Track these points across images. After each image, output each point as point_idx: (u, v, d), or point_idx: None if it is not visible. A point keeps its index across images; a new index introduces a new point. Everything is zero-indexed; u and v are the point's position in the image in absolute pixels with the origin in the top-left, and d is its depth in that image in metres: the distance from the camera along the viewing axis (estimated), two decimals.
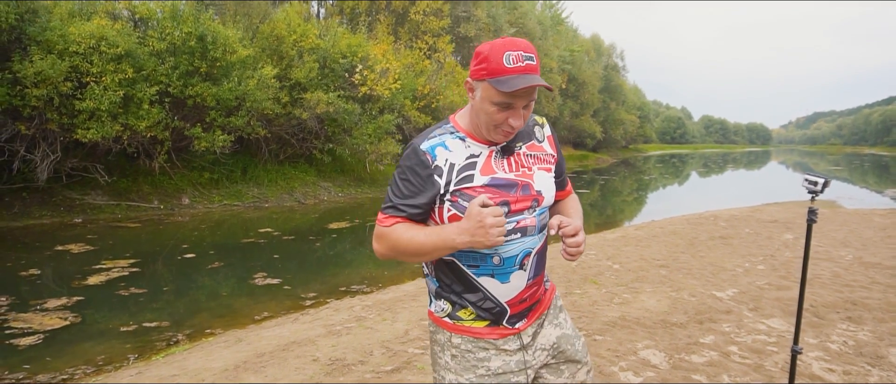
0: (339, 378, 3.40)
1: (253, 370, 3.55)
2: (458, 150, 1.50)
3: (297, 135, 16.55)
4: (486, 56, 1.40)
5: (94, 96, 11.13)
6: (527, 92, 1.40)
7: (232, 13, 15.93)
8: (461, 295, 1.55)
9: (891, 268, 6.57)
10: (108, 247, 9.02)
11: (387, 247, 1.52)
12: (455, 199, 1.48)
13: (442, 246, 1.44)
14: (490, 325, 1.56)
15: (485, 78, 1.41)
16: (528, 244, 1.54)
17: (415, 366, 3.57)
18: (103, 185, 12.62)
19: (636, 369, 3.56)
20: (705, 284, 5.78)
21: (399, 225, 1.50)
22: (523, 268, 1.54)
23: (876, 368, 3.64)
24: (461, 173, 1.48)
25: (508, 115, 1.43)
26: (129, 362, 4.55)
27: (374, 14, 25.42)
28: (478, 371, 1.55)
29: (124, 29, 12.20)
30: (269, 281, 7.14)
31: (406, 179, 1.50)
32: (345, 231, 11.34)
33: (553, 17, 45.50)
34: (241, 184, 15.24)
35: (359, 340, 4.08)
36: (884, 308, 4.97)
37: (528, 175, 1.54)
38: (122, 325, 5.48)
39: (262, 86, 13.77)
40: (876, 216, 11.67)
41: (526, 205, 1.52)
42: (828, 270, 6.43)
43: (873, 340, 4.16)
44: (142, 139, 12.51)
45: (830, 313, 4.85)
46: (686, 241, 8.28)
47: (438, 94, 21.80)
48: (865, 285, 5.75)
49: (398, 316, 4.72)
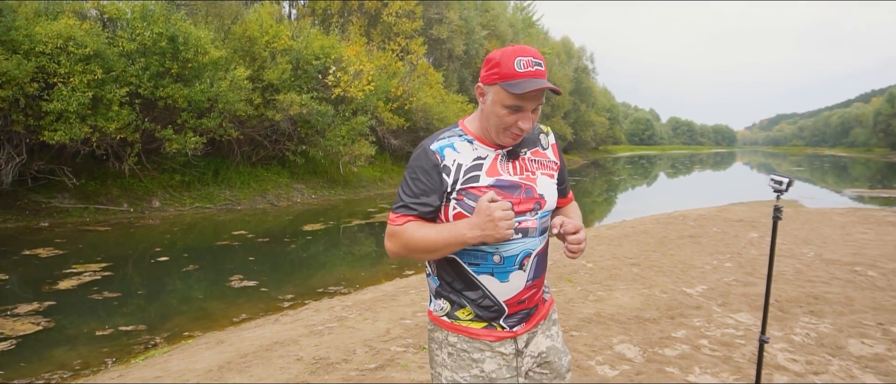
0: (324, 377, 3.45)
1: (237, 370, 3.58)
2: (466, 151, 1.56)
3: (270, 136, 16.44)
4: (498, 61, 1.47)
5: (62, 97, 10.90)
6: (536, 95, 1.47)
7: (203, 14, 15.75)
8: (461, 292, 1.59)
9: (849, 265, 6.87)
10: (77, 251, 8.86)
11: (399, 246, 1.55)
12: (461, 198, 1.53)
13: (453, 241, 1.48)
14: (487, 327, 1.60)
15: (496, 82, 1.48)
16: (528, 245, 1.58)
17: (398, 364, 3.64)
18: (70, 188, 12.35)
19: (612, 363, 3.69)
20: (676, 281, 5.97)
21: (411, 223, 1.54)
22: (523, 268, 1.58)
23: (836, 358, 3.84)
24: (468, 173, 1.54)
25: (518, 118, 1.49)
26: (107, 366, 4.51)
27: (346, 15, 25.37)
28: (472, 371, 1.59)
29: (93, 29, 11.97)
30: (245, 283, 7.11)
31: (416, 178, 1.55)
32: (319, 233, 11.32)
33: (524, 20, 45.91)
34: (212, 186, 15.06)
35: (341, 340, 4.13)
36: (843, 302, 5.22)
37: (531, 179, 1.60)
38: (98, 329, 5.41)
39: (234, 87, 13.65)
40: (835, 215, 12.13)
41: (528, 208, 1.57)
42: (791, 267, 6.69)
43: (833, 332, 4.37)
44: (111, 141, 12.29)
45: (794, 307, 5.07)
46: (656, 240, 8.51)
47: (411, 95, 21.86)
48: (826, 281, 6.02)
49: (379, 315, 4.78)
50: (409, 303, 5.20)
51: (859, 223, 10.66)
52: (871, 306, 5.08)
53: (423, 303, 5.21)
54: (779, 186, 2.52)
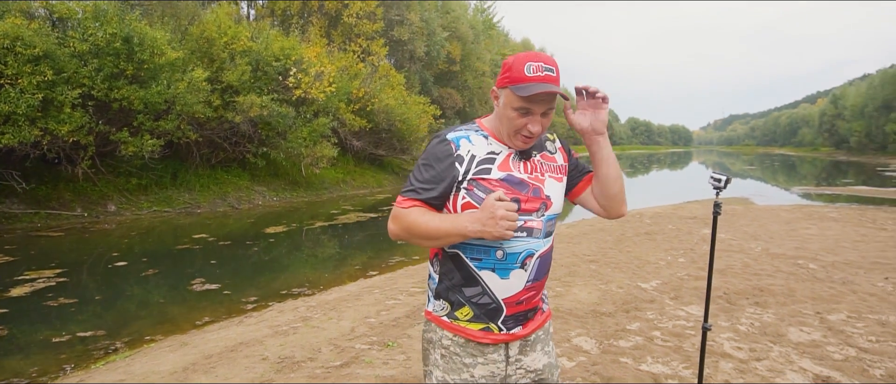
0: (290, 375, 3.50)
1: (202, 371, 3.59)
2: (481, 144, 1.60)
3: (230, 139, 16.21)
4: (510, 66, 1.53)
5: (10, 99, 10.56)
6: (544, 99, 1.51)
7: (159, 14, 15.43)
8: (461, 288, 1.61)
9: (792, 258, 7.24)
10: (29, 258, 8.61)
11: (401, 228, 1.56)
12: (471, 188, 1.56)
13: (453, 232, 1.50)
14: (483, 329, 1.61)
15: (507, 85, 1.53)
16: (531, 245, 1.59)
17: (363, 361, 3.72)
18: (19, 193, 11.94)
19: (570, 355, 3.85)
20: (631, 277, 6.20)
21: (416, 208, 1.56)
22: (524, 267, 1.59)
23: (777, 345, 4.09)
24: (480, 165, 1.57)
25: (528, 121, 1.53)
26: (65, 373, 4.44)
27: (306, 16, 25.18)
28: (462, 375, 1.61)
29: (42, 29, 11.62)
30: (207, 286, 7.05)
31: (429, 165, 1.58)
32: (282, 235, 11.25)
33: (485, 22, 46.31)
34: (171, 189, 14.77)
35: (306, 339, 4.18)
36: (786, 293, 5.52)
37: (540, 180, 1.63)
38: (54, 336, 5.31)
39: (192, 89, 13.43)
40: (782, 211, 12.69)
41: (534, 207, 1.60)
42: (739, 261, 7.01)
43: (776, 321, 4.64)
44: (63, 144, 11.94)
45: (741, 299, 5.34)
46: (614, 238, 8.78)
47: (373, 96, 21.84)
48: (771, 273, 6.34)
49: (343, 314, 4.84)
50: (373, 303, 5.27)
51: (804, 219, 11.19)
52: (810, 296, 5.39)
53: (388, 302, 5.29)
54: (718, 184, 2.71)
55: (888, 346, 4.07)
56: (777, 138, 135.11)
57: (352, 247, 10.56)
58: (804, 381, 3.46)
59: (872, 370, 3.65)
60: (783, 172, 39.13)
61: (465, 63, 36.24)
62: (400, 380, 3.41)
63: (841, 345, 4.07)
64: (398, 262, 8.58)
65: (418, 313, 4.86)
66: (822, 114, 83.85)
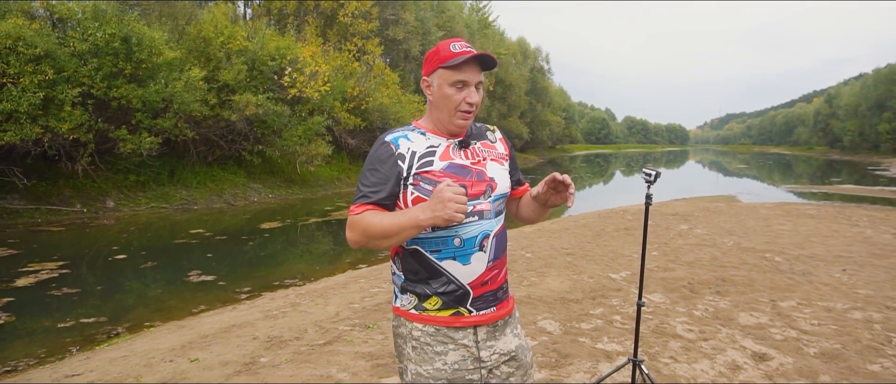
0: (278, 351, 3.86)
1: (199, 348, 3.95)
2: (419, 141, 1.69)
3: (226, 136, 16.55)
4: (436, 50, 1.65)
5: (12, 98, 10.89)
6: (475, 69, 1.63)
7: (157, 14, 15.75)
8: (426, 282, 1.67)
9: (761, 252, 7.62)
10: (32, 251, 8.94)
11: (358, 234, 1.61)
12: (417, 183, 1.63)
13: (408, 224, 1.54)
14: (454, 314, 1.66)
15: (437, 66, 1.63)
16: (485, 227, 1.66)
17: (345, 340, 4.08)
18: (21, 189, 12.27)
19: (534, 335, 4.21)
20: (604, 268, 6.57)
21: (369, 211, 1.61)
22: (483, 249, 1.66)
23: (725, 328, 4.46)
24: (422, 159, 1.66)
25: (465, 94, 1.63)
26: (72, 353, 4.79)
27: (302, 15, 25.48)
28: (435, 364, 1.64)
29: (43, 29, 11.95)
30: (203, 278, 7.40)
31: (374, 169, 1.65)
32: (277, 231, 11.60)
33: (480, 21, 46.67)
34: (168, 186, 15.10)
35: (294, 321, 4.54)
36: (746, 283, 5.89)
37: (481, 164, 1.71)
38: (59, 322, 5.65)
39: (189, 88, 13.76)
40: (762, 208, 13.07)
41: (481, 190, 1.67)
42: (709, 255, 7.39)
43: (730, 307, 5.01)
44: (63, 141, 12.27)
45: (703, 289, 5.71)
46: (594, 233, 9.15)
47: (368, 95, 22.18)
48: (736, 265, 6.71)
49: (330, 300, 5.20)
50: (359, 290, 5.63)
51: (782, 216, 11.58)
52: (768, 286, 5.77)
53: (372, 290, 5.65)
54: (649, 177, 3.05)
55: (827, 329, 4.44)
56: (773, 137, 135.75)
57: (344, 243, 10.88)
58: (741, 357, 3.83)
59: (807, 349, 4.02)
60: (775, 171, 39.57)
61: None
62: (377, 355, 3.77)
63: (784, 328, 4.44)
64: (386, 257, 8.93)
65: None
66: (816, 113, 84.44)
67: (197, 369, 3.57)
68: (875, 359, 3.85)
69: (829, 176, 32.86)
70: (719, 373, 3.58)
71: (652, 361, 3.74)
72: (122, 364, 3.78)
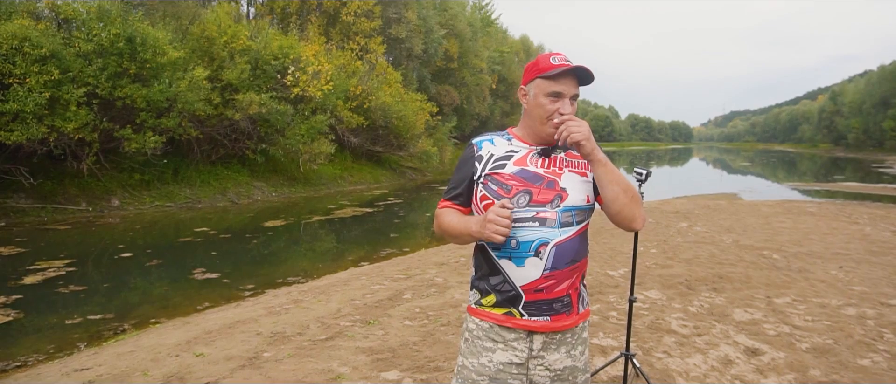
0: (281, 346, 3.96)
1: (204, 343, 4.05)
2: (502, 145, 1.78)
3: (230, 135, 16.66)
4: (536, 61, 1.74)
5: (18, 98, 11.00)
6: (571, 82, 1.69)
7: (161, 14, 15.86)
8: (487, 278, 1.76)
9: (759, 249, 7.69)
10: (40, 249, 9.07)
11: (437, 226, 1.84)
12: (486, 183, 1.74)
13: (464, 231, 1.71)
14: (506, 314, 1.72)
15: (536, 77, 1.72)
16: (545, 234, 1.66)
17: (346, 335, 4.17)
18: (27, 188, 12.40)
19: None
20: (602, 265, 6.65)
21: (448, 209, 1.81)
22: (538, 255, 1.66)
23: (720, 323, 4.54)
24: (496, 162, 1.75)
25: (559, 105, 1.69)
26: (79, 349, 4.90)
27: (305, 14, 25.58)
28: (481, 358, 1.72)
29: (48, 30, 12.07)
30: (208, 275, 7.51)
31: (458, 168, 1.82)
32: (281, 229, 11.70)
33: (483, 19, 46.67)
34: (172, 185, 15.23)
35: (296, 317, 4.64)
36: (742, 280, 5.97)
37: (557, 174, 1.72)
38: (67, 319, 5.76)
39: (193, 87, 13.87)
40: (763, 206, 13.13)
41: (548, 199, 1.68)
42: (707, 252, 7.46)
43: (725, 304, 5.09)
44: (69, 141, 12.40)
45: (700, 285, 5.79)
46: (593, 231, 9.21)
47: (371, 94, 22.27)
48: (733, 262, 6.79)
49: (332, 297, 5.29)
50: (360, 287, 5.72)
51: (782, 213, 11.64)
52: (764, 283, 5.84)
53: (374, 287, 5.74)
54: (640, 177, 3.12)
55: (820, 325, 4.51)
56: (777, 135, 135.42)
57: (347, 241, 11.02)
58: (733, 352, 3.91)
59: (799, 344, 4.10)
60: (779, 168, 39.55)
61: (463, 60, 36.63)
62: (377, 350, 3.87)
63: (777, 324, 4.52)
64: (389, 254, 9.03)
65: (400, 296, 5.32)
66: (821, 110, 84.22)
67: (202, 363, 3.67)
68: (866, 354, 3.92)
69: (832, 173, 32.85)
70: (711, 368, 3.66)
71: (646, 356, 3.83)
72: (130, 359, 3.88)
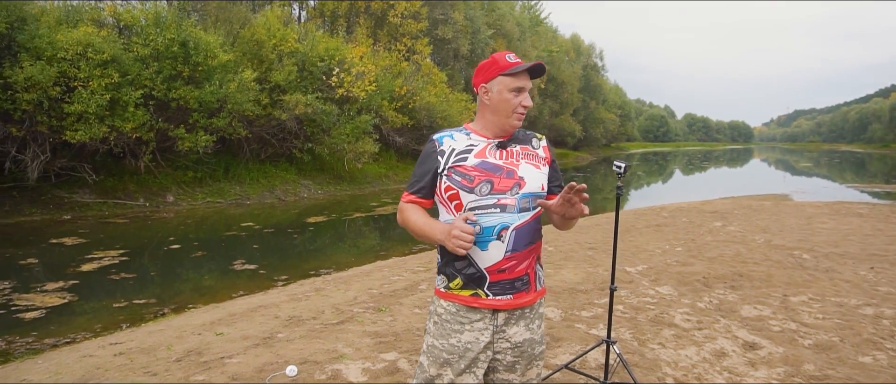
0: (294, 329, 4.26)
1: (225, 324, 4.40)
2: (461, 140, 1.91)
3: (278, 135, 17.34)
4: (494, 60, 1.87)
5: (82, 100, 11.85)
6: (527, 75, 1.86)
7: (213, 19, 16.66)
8: (453, 262, 1.87)
9: (790, 249, 7.53)
10: (98, 240, 9.77)
11: (401, 220, 1.95)
12: (450, 174, 1.87)
13: (429, 235, 1.84)
14: (472, 295, 1.84)
15: (497, 74, 1.85)
16: (506, 219, 1.81)
17: (356, 320, 4.44)
18: (90, 184, 13.32)
19: None
20: (621, 262, 6.69)
21: (412, 205, 1.93)
22: (501, 239, 1.81)
23: (725, 319, 4.56)
24: (458, 155, 1.88)
25: (521, 98, 1.85)
26: (122, 329, 5.36)
27: (353, 17, 26.20)
28: (450, 339, 1.85)
29: (110, 36, 12.92)
30: (246, 266, 7.96)
31: (420, 163, 1.94)
32: (323, 225, 12.16)
33: (532, 18, 46.52)
34: (223, 182, 15.99)
35: (315, 304, 4.95)
36: (763, 278, 5.91)
37: (514, 164, 1.88)
38: (115, 303, 6.27)
39: (242, 89, 14.55)
40: (809, 207, 12.71)
41: (507, 187, 1.83)
42: (733, 251, 7.37)
43: (737, 301, 5.08)
44: (127, 140, 13.24)
45: (717, 283, 5.77)
46: (623, 229, 9.21)
47: (415, 94, 22.63)
48: (758, 261, 6.70)
49: (351, 287, 5.58)
50: (380, 278, 5.99)
51: (827, 214, 11.26)
52: (785, 282, 5.77)
53: (393, 278, 6.00)
54: (619, 170, 3.23)
55: (830, 322, 4.48)
56: (845, 135, 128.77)
57: (383, 237, 11.35)
58: (730, 345, 3.95)
59: (802, 340, 4.10)
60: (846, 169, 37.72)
61: None
62: (382, 335, 4.11)
63: (784, 320, 4.51)
64: (420, 249, 9.28)
65: (416, 287, 5.56)
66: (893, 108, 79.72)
67: (220, 341, 4.00)
68: (869, 352, 3.90)
69: None
70: (703, 359, 3.73)
71: (639, 346, 3.92)
72: (158, 336, 4.26)
